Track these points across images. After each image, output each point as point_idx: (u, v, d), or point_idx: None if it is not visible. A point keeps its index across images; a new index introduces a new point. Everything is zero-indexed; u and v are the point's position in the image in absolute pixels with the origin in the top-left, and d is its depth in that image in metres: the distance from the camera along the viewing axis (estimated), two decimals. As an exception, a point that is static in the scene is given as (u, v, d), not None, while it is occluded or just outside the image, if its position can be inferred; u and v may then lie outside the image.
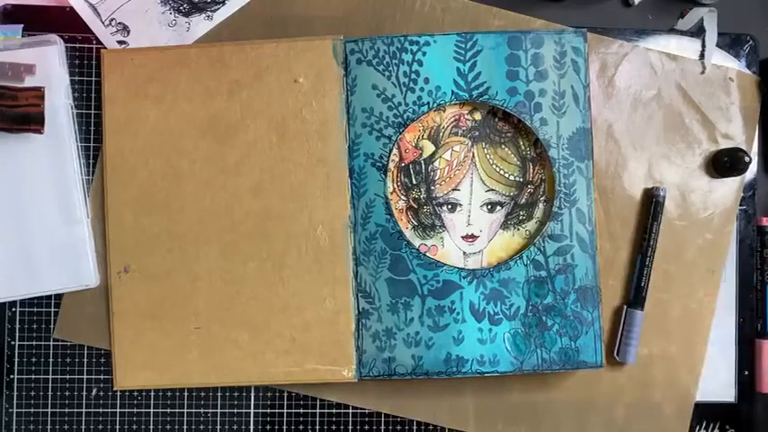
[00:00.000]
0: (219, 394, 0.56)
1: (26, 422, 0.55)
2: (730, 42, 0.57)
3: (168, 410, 0.55)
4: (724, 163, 0.56)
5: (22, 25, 0.55)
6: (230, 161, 0.54)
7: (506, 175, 0.55)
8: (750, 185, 0.57)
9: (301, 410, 0.56)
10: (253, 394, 0.56)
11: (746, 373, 0.57)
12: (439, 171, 0.55)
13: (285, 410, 0.56)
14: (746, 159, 0.55)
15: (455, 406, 0.56)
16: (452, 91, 0.54)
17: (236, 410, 0.56)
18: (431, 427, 0.55)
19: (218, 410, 0.56)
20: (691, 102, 0.57)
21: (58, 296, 0.55)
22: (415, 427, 0.56)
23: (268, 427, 0.56)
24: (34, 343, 0.55)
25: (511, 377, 0.55)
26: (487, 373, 0.53)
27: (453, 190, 0.55)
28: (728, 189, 0.57)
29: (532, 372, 0.53)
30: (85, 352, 0.55)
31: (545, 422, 0.55)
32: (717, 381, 0.57)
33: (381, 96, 0.54)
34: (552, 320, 0.54)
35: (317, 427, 0.56)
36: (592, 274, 0.54)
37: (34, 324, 0.55)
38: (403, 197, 0.55)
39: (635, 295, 0.55)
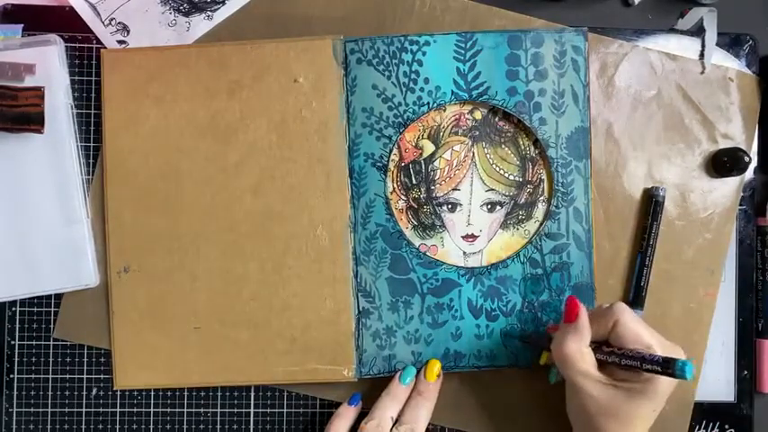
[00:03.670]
0: (219, 394, 0.56)
1: (26, 422, 0.55)
2: (730, 42, 0.57)
3: (168, 410, 0.55)
4: (724, 163, 0.56)
5: (22, 25, 0.55)
6: (230, 161, 0.54)
7: (506, 174, 0.55)
8: (750, 185, 0.57)
9: (301, 410, 0.56)
10: (253, 394, 0.56)
11: (746, 373, 0.57)
12: (439, 171, 0.55)
13: (285, 410, 0.56)
14: (746, 159, 0.55)
15: (455, 405, 0.56)
16: (452, 91, 0.54)
17: (236, 410, 0.56)
18: (431, 427, 0.55)
19: (218, 410, 0.56)
20: (690, 101, 0.57)
21: (58, 296, 0.55)
22: (415, 427, 0.56)
23: (268, 427, 0.56)
24: (34, 343, 0.55)
25: (511, 376, 0.55)
26: (484, 367, 0.54)
27: (453, 190, 0.55)
28: (728, 189, 0.57)
29: (528, 366, 0.54)
30: (85, 352, 0.55)
31: (545, 420, 0.55)
32: (717, 381, 0.57)
33: (381, 96, 0.54)
34: (547, 316, 0.54)
35: (317, 427, 0.56)
36: (587, 271, 0.54)
37: (34, 324, 0.55)
38: (403, 197, 0.55)
39: (635, 295, 0.55)
